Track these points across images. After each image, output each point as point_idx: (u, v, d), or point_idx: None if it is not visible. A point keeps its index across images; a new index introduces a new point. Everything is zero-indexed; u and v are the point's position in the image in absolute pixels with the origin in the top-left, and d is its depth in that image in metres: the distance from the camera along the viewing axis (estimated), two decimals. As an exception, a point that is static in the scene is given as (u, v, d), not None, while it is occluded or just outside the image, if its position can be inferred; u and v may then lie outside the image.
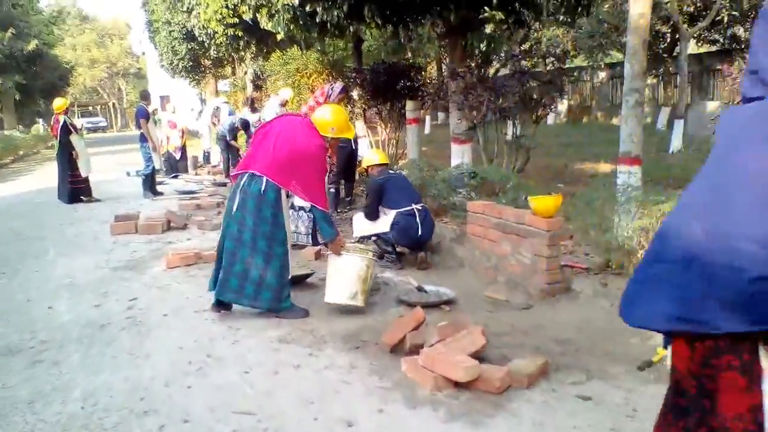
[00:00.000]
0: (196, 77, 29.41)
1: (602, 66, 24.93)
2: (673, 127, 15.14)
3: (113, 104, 62.58)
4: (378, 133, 12.36)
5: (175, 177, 14.63)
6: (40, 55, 31.96)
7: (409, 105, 10.23)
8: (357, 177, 8.52)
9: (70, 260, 6.73)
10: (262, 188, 4.39)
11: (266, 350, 3.97)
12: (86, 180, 11.33)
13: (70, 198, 11.08)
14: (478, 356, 3.55)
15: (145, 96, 11.88)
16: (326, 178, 6.60)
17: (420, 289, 4.98)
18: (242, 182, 4.48)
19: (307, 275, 5.53)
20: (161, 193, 11.71)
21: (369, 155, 6.40)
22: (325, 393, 3.34)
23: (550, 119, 26.07)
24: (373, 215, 5.95)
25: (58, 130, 11.00)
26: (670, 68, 20.52)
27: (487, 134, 8.09)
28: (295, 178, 4.46)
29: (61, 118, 11.02)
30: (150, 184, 11.68)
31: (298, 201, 6.67)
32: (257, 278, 4.44)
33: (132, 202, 11.14)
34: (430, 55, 18.16)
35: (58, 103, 11.20)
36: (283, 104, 10.57)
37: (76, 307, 5.02)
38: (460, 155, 9.13)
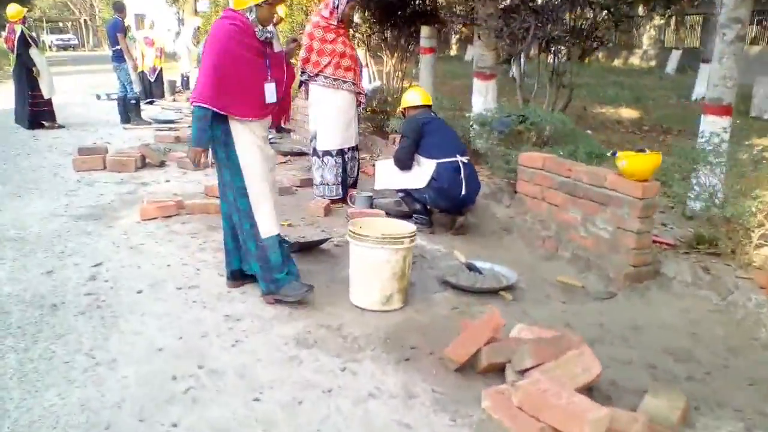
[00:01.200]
0: (175, -6, 27.12)
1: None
2: (698, 72, 13.99)
3: (85, 21, 58.90)
4: (382, 63, 10.98)
5: (150, 103, 13.15)
6: (1, -40, 29.16)
7: (425, 31, 8.83)
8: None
9: (22, 203, 5.47)
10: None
11: (280, 359, 2.86)
12: (49, 102, 9.87)
13: (30, 123, 9.65)
14: (589, 388, 2.51)
15: (119, 8, 10.28)
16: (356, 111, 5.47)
17: (471, 267, 3.87)
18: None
19: (321, 241, 4.38)
20: (148, 122, 10.31)
21: (408, 95, 5.07)
22: (376, 445, 2.27)
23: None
24: (405, 162, 4.76)
25: (14, 42, 9.43)
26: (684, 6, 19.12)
27: (523, 69, 6.84)
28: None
29: (18, 28, 9.44)
30: (136, 109, 10.27)
31: (321, 144, 5.43)
32: (243, 245, 3.52)
33: (101, 130, 9.76)
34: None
35: (13, 10, 9.56)
36: (277, 23, 9.08)
37: (20, 274, 3.84)
38: (483, 92, 7.87)
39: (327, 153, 5.48)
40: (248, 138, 3.34)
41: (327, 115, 5.41)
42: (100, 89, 14.89)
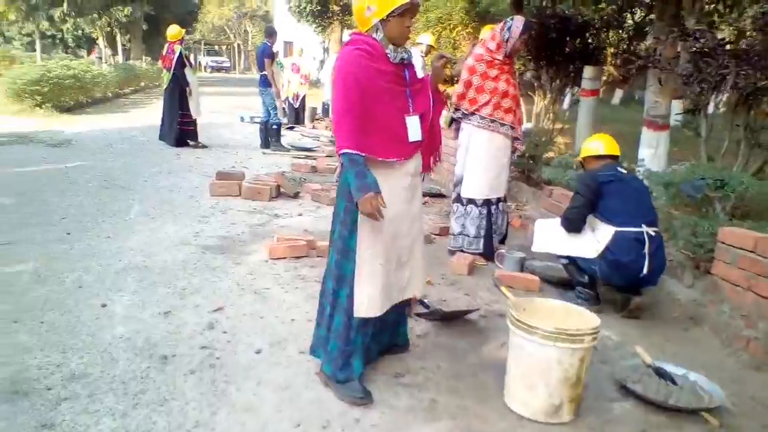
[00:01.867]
0: (323, 23, 27.99)
1: None
2: None
3: (238, 45, 63.03)
4: (531, 103, 10.25)
5: (291, 128, 13.24)
6: (171, -14, 31.67)
7: (588, 72, 8.04)
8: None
9: (155, 226, 5.30)
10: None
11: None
12: (194, 122, 10.08)
13: (176, 141, 9.87)
14: None
15: (270, 32, 10.35)
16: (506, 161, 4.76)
17: (660, 372, 3.02)
18: None
19: (467, 311, 3.73)
20: (287, 149, 10.25)
21: (591, 143, 4.25)
22: None
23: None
24: (575, 225, 4.01)
25: (173, 62, 9.71)
26: None
27: (710, 122, 5.85)
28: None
29: (177, 48, 9.74)
30: (277, 135, 10.26)
31: (466, 191, 4.84)
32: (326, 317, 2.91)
33: (241, 152, 9.77)
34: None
35: (173, 30, 9.90)
36: (426, 53, 8.66)
37: (137, 311, 3.50)
38: (654, 144, 6.96)
39: (471, 202, 4.84)
40: (390, 186, 2.67)
41: (478, 159, 4.79)
42: (245, 111, 15.31)
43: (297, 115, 13.68)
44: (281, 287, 4.03)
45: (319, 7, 25.48)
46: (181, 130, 9.88)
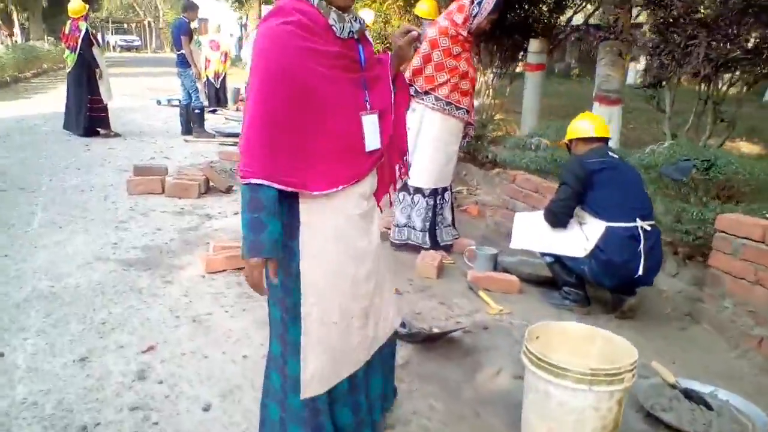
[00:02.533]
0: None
1: None
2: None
3: (149, 23, 59.68)
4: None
5: (214, 111, 12.27)
6: (72, -40, 29.19)
7: (534, 45, 7.63)
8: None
9: (62, 237, 4.47)
10: None
11: None
12: (106, 108, 9.04)
13: (85, 129, 8.80)
14: None
15: (187, 6, 9.31)
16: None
17: (689, 394, 2.58)
18: None
19: (451, 331, 3.19)
20: (211, 135, 9.34)
21: (579, 123, 3.69)
22: None
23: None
24: (561, 219, 3.54)
25: (79, 41, 8.58)
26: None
27: (673, 95, 5.53)
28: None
29: (82, 26, 8.61)
30: (200, 120, 9.33)
31: (414, 179, 4.31)
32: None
33: (160, 141, 8.83)
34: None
35: (76, 6, 8.75)
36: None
37: (44, 361, 2.77)
38: (606, 120, 6.60)
39: (419, 191, 4.34)
40: (343, 218, 1.88)
41: (429, 144, 4.26)
42: (161, 94, 14.17)
43: (218, 97, 12.70)
44: (225, 310, 3.37)
45: (234, -19, 24.10)
46: (91, 117, 8.82)
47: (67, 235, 4.53)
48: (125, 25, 56.99)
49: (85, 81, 8.72)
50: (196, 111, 9.20)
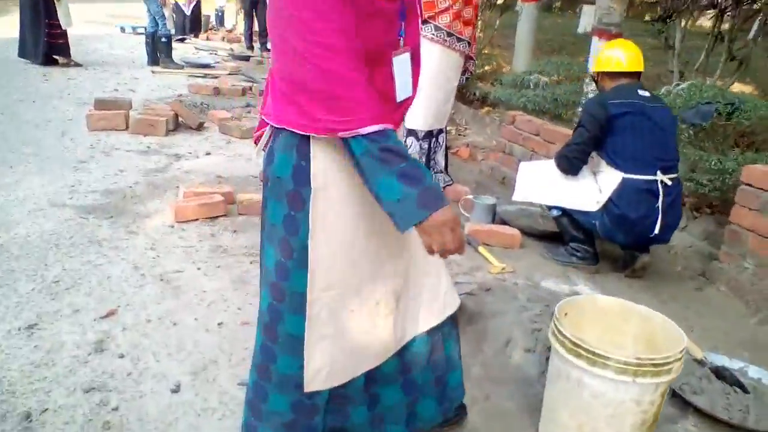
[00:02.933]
0: None
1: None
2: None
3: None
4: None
5: (182, 41, 11.53)
6: None
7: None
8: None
9: (13, 180, 3.99)
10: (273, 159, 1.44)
11: None
12: (65, 35, 8.29)
13: (44, 57, 8.09)
14: None
15: None
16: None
17: (720, 373, 2.30)
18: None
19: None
20: (180, 66, 8.69)
21: (610, 51, 3.20)
22: None
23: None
24: (574, 165, 3.18)
25: None
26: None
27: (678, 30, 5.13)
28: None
29: None
30: (167, 50, 8.65)
31: (409, 120, 3.90)
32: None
33: (124, 72, 8.19)
34: None
35: None
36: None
37: (-14, 328, 2.39)
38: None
39: (412, 133, 3.94)
40: (348, 191, 1.42)
41: (426, 81, 3.81)
42: (125, 21, 13.27)
43: (185, 25, 11.91)
44: (197, 267, 2.99)
45: None
46: (49, 43, 8.09)
47: (18, 176, 4.05)
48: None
49: (41, 4, 7.94)
50: (163, 40, 8.53)
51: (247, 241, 3.29)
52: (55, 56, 8.20)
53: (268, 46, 10.72)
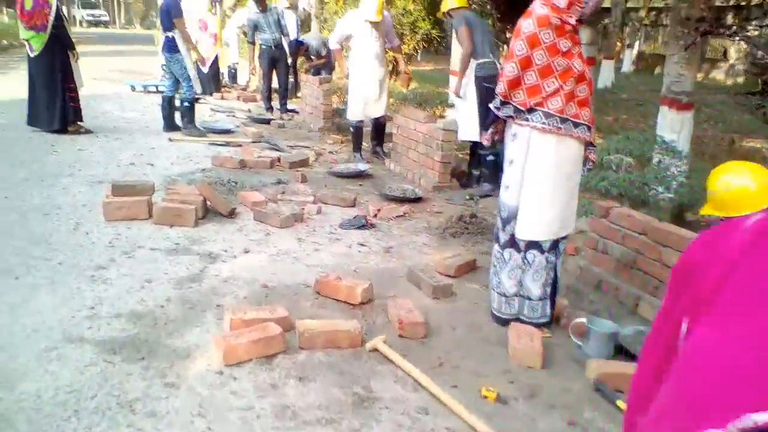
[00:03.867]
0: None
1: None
2: None
3: (117, -4, 57.08)
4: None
5: (196, 100, 10.97)
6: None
7: (584, 35, 6.54)
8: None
9: (15, 298, 3.26)
10: None
11: None
12: (78, 97, 7.70)
13: (62, 120, 7.44)
14: None
15: None
16: None
17: None
18: None
19: None
20: (202, 132, 8.01)
21: (731, 180, 2.25)
22: None
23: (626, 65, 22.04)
24: None
25: (50, 18, 7.18)
26: None
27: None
28: None
29: (52, 0, 7.22)
30: (190, 114, 8.00)
31: (527, 231, 3.19)
32: None
33: (138, 138, 7.57)
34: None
35: (40, -26, 7.35)
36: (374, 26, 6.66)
37: None
38: (676, 127, 5.68)
39: (535, 246, 3.21)
40: None
41: (544, 180, 3.12)
42: (134, 77, 12.79)
43: (209, 84, 11.47)
44: (264, 446, 2.24)
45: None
46: (71, 108, 7.49)
47: (25, 292, 3.33)
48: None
49: (58, 66, 7.35)
50: (186, 104, 7.88)
51: (319, 397, 2.55)
52: (75, 121, 7.57)
53: (289, 107, 10.17)
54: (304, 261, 4.05)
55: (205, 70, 10.96)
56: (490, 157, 6.01)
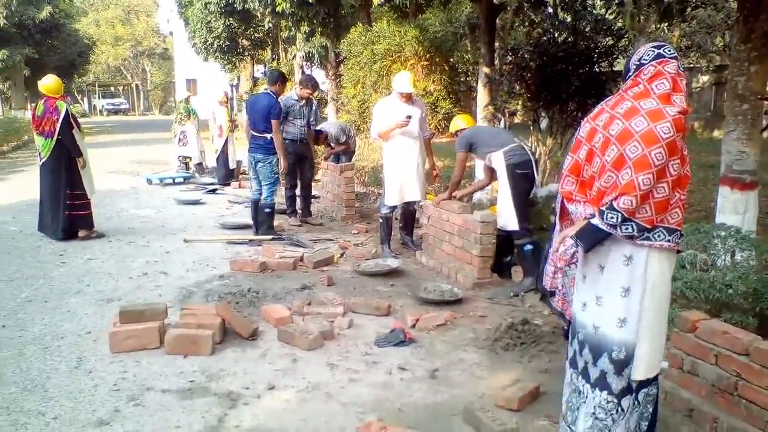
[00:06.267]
0: (233, 59, 25.40)
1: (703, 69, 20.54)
2: None
3: (136, 85, 58.90)
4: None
5: (213, 191, 10.71)
6: (56, 26, 28.02)
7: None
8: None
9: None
10: None
11: None
12: (89, 205, 7.31)
13: (65, 232, 7.09)
14: None
15: (277, 78, 7.36)
16: None
17: None
18: None
19: None
20: (281, 237, 7.36)
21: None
22: None
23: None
24: None
25: (57, 125, 6.92)
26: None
27: None
28: None
29: (62, 107, 6.97)
30: (269, 219, 7.36)
31: (642, 371, 2.55)
32: None
33: (153, 242, 7.14)
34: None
35: (50, 83, 7.14)
36: (407, 98, 6.35)
37: None
38: (740, 208, 5.18)
39: (645, 383, 2.57)
40: None
41: (662, 313, 2.55)
42: (150, 168, 12.59)
43: (225, 172, 11.27)
44: None
45: (227, 43, 22.91)
46: (70, 216, 7.10)
47: (9, 466, 2.78)
48: (112, 89, 56.05)
49: (63, 173, 7.05)
50: (267, 210, 7.28)
51: None
52: (78, 229, 7.20)
53: (312, 209, 9.26)
54: (339, 398, 3.46)
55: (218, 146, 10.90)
56: (528, 246, 5.47)
